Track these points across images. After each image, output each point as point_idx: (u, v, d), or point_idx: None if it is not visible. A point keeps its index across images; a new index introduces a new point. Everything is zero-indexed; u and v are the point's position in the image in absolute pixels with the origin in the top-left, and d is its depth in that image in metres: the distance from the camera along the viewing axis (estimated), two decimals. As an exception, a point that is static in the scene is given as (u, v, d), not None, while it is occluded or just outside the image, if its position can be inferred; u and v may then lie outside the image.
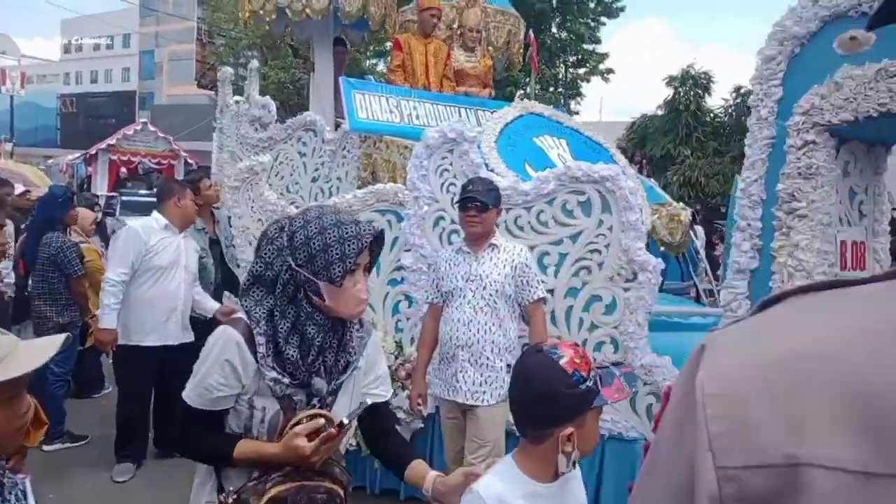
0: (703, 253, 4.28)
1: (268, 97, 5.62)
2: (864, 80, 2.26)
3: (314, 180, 4.92)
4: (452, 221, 3.14)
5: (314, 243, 1.37)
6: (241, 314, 1.44)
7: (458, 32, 5.32)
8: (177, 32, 38.65)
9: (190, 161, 20.42)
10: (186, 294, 3.70)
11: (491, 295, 2.59)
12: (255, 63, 5.91)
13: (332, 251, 1.37)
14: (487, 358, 2.57)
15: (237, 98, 6.03)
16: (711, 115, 15.13)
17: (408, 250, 3.35)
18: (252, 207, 3.89)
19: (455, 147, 3.12)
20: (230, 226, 4.26)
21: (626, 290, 2.86)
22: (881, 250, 2.66)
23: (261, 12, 5.08)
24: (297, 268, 1.38)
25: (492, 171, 3.23)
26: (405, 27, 5.79)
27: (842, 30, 2.34)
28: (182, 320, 3.66)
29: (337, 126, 5.07)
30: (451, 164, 3.13)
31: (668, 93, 15.07)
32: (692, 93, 14.69)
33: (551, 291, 2.93)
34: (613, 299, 2.89)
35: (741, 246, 2.59)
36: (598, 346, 2.91)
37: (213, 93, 21.43)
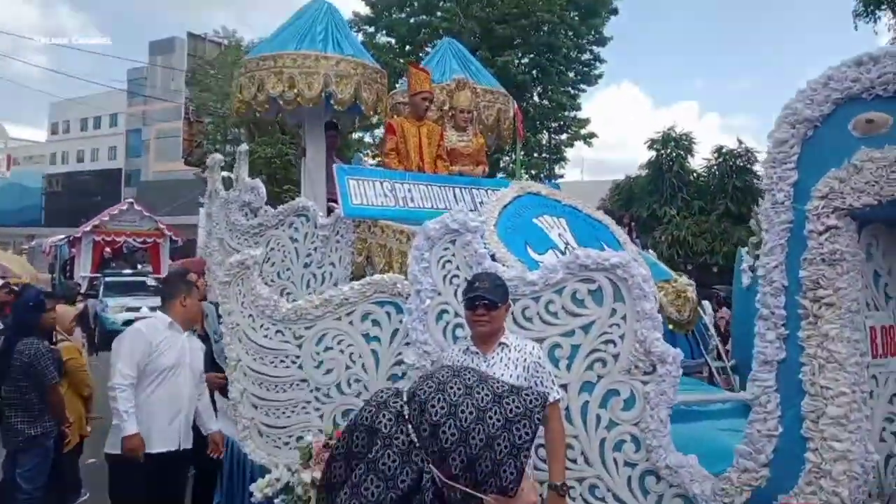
0: (713, 330, 4.14)
1: (257, 180, 5.53)
2: (885, 164, 2.19)
3: (306, 266, 4.79)
4: (457, 315, 2.99)
5: (474, 439, 0.91)
6: None
7: (450, 114, 5.32)
8: (164, 111, 39.33)
9: (175, 238, 20.31)
10: (191, 396, 3.63)
11: (505, 399, 2.42)
12: (244, 146, 5.86)
13: (499, 445, 0.91)
14: (504, 470, 2.37)
15: (225, 174, 5.95)
16: (694, 174, 15.38)
17: (408, 343, 3.19)
18: (243, 303, 3.72)
19: (458, 238, 3.00)
20: (219, 321, 4.08)
21: (644, 383, 2.70)
22: (912, 334, 2.54)
23: (252, 103, 5.05)
24: (447, 481, 0.91)
25: (495, 259, 3.10)
26: (396, 110, 5.81)
27: (856, 112, 2.30)
28: (186, 423, 3.55)
29: (329, 211, 4.98)
30: (453, 256, 3.01)
31: (650, 154, 15.34)
32: (674, 154, 14.96)
33: (564, 386, 2.76)
34: (632, 394, 2.72)
35: (766, 335, 2.46)
36: (618, 444, 2.72)
37: (199, 170, 21.57)
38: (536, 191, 4.17)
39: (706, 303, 4.36)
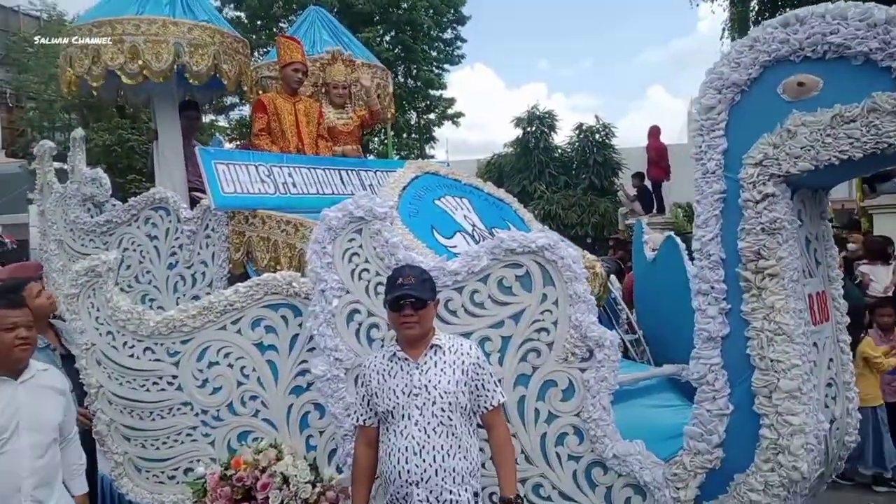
0: (622, 303, 4.07)
1: (98, 169, 4.73)
2: (819, 127, 2.09)
3: (171, 266, 4.13)
4: (370, 314, 2.61)
5: None
6: None
7: (324, 90, 4.83)
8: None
9: (5, 240, 17.71)
10: (37, 466, 2.33)
11: (443, 410, 2.09)
12: (79, 131, 4.98)
13: None
14: (450, 492, 2.05)
15: (58, 165, 5.04)
16: (559, 151, 15.85)
17: (312, 349, 2.76)
18: (98, 318, 3.07)
19: (364, 226, 2.60)
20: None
21: (582, 370, 2.49)
22: (838, 297, 2.53)
23: (86, 77, 4.24)
24: None
25: (406, 249, 2.74)
26: (262, 85, 5.21)
27: (785, 74, 2.18)
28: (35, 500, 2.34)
29: (193, 203, 4.34)
30: (360, 247, 2.61)
31: (516, 133, 15.60)
32: (539, 131, 15.31)
33: (499, 381, 2.49)
34: (570, 383, 2.50)
35: (706, 311, 2.32)
36: (559, 438, 2.50)
37: (24, 161, 18.91)
38: (435, 170, 3.84)
39: (612, 276, 4.29)
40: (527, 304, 2.53)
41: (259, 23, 16.44)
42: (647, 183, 11.82)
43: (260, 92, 4.96)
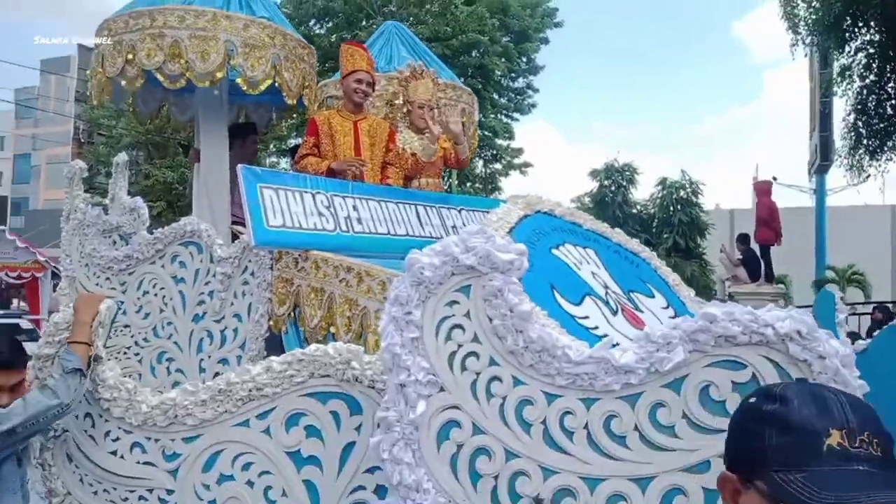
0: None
1: (138, 198, 3.93)
2: None
3: (196, 319, 3.22)
4: (479, 429, 1.57)
5: None
6: None
7: (405, 109, 3.95)
8: (57, 134, 35.97)
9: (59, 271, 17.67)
10: None
11: None
12: (122, 156, 4.21)
13: None
14: None
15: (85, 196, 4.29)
16: (639, 207, 14.71)
17: (373, 470, 1.74)
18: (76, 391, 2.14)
19: (475, 282, 1.59)
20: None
21: None
22: None
23: (119, 79, 3.48)
24: None
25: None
26: (328, 105, 4.39)
27: None
28: None
29: (234, 238, 3.46)
30: (468, 316, 1.60)
31: (592, 186, 14.56)
32: (617, 186, 14.23)
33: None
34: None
35: None
36: None
37: (88, 195, 19.04)
38: (549, 209, 2.83)
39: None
40: (752, 433, 1.45)
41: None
42: (755, 247, 10.50)
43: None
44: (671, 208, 13.89)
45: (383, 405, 1.59)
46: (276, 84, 3.58)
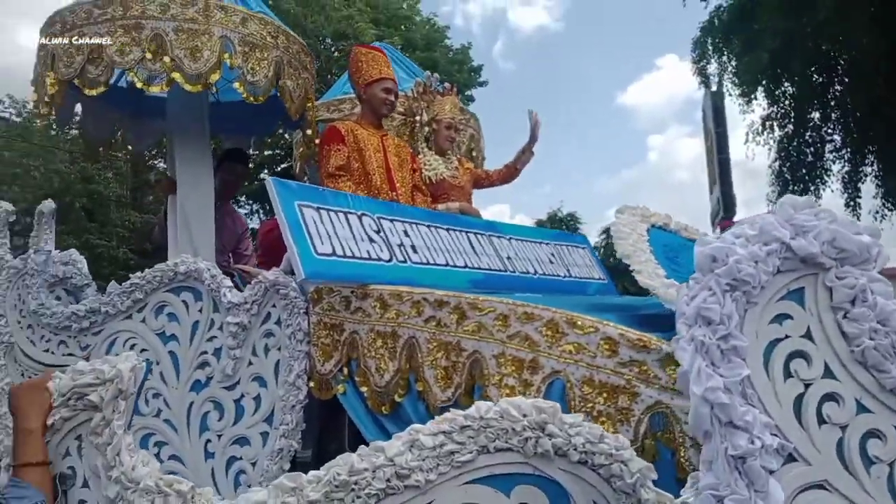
0: None
1: (72, 250, 3.10)
2: None
3: (198, 387, 2.41)
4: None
5: None
6: None
7: (433, 127, 3.39)
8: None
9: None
10: None
11: None
12: (47, 204, 3.32)
13: None
14: None
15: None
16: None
17: None
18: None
19: (812, 281, 1.02)
20: None
21: None
22: None
23: (78, 82, 2.71)
24: None
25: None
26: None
27: None
28: None
29: (231, 277, 2.70)
30: (810, 337, 1.01)
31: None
32: (560, 233, 14.23)
33: None
34: None
35: None
36: None
37: None
38: (663, 223, 2.32)
39: None
40: None
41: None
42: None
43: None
44: (611, 257, 13.98)
45: (703, 492, 0.95)
46: (278, 93, 2.93)
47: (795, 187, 12.68)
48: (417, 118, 3.41)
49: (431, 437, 1.27)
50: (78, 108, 3.41)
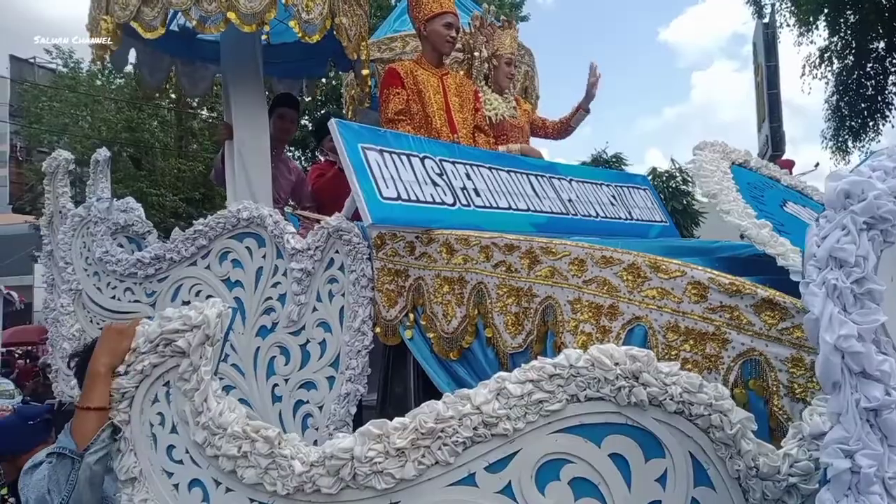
0: None
1: (130, 198, 3.12)
2: None
3: (263, 332, 2.43)
4: None
5: None
6: None
7: (493, 63, 3.26)
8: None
9: (14, 297, 16.07)
10: None
11: None
12: (102, 152, 3.34)
13: None
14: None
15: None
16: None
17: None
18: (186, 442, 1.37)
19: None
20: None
21: None
22: None
23: (135, 25, 2.68)
24: None
25: None
26: (371, 71, 3.66)
27: None
28: None
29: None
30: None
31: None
32: (603, 177, 13.88)
33: None
34: None
35: None
36: None
37: (32, 217, 17.42)
38: (742, 161, 2.19)
39: None
40: None
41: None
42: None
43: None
44: (664, 197, 13.60)
45: (830, 446, 0.89)
46: (335, 33, 2.83)
47: (854, 122, 12.02)
48: (476, 54, 3.28)
49: (519, 386, 1.23)
50: (131, 55, 3.39)
